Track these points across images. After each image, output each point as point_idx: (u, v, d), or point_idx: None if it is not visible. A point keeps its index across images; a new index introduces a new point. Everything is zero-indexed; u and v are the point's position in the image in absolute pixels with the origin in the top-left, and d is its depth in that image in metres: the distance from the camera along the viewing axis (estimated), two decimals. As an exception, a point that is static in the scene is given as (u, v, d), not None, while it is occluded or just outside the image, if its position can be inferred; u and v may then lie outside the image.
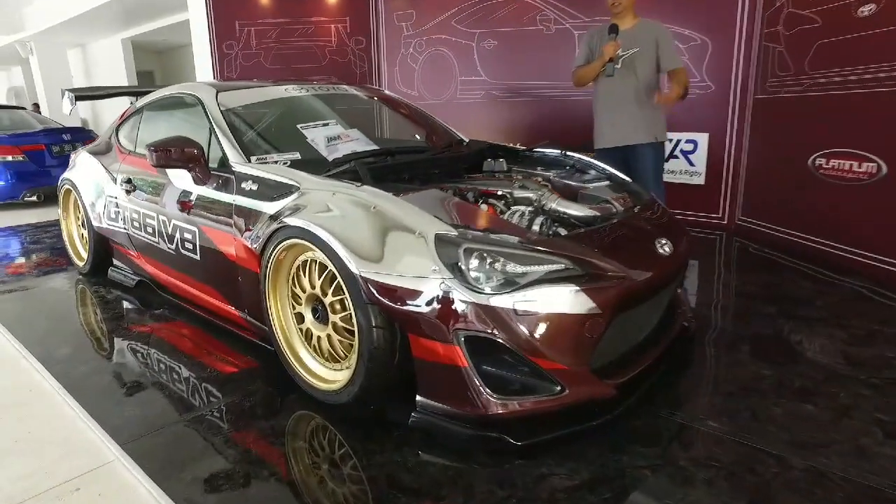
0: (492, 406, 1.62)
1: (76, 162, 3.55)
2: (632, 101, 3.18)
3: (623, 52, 3.12)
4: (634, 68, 3.14)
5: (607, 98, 3.26)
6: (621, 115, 3.21)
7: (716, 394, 1.93)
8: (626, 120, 3.21)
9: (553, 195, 2.22)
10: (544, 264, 1.65)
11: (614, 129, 3.25)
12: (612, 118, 3.25)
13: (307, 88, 2.88)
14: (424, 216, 1.71)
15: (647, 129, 3.19)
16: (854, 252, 3.26)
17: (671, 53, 3.13)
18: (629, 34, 3.13)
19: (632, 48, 3.12)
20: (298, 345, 2.01)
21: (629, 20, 3.17)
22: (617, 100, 3.21)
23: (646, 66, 3.14)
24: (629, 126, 3.21)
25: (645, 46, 3.12)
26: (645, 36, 3.12)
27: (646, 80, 3.16)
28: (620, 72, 3.13)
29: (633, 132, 3.20)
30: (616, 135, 3.24)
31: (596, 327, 1.67)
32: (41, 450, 1.76)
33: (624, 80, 3.16)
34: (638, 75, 3.15)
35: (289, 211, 1.90)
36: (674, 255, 1.97)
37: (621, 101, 3.19)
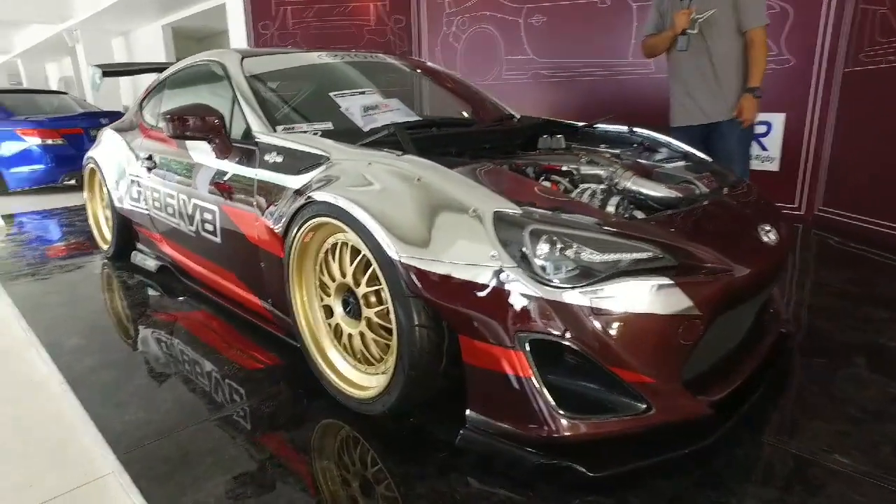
0: (560, 426, 1.29)
1: (101, 139, 3.37)
2: (709, 73, 2.75)
3: (698, 16, 2.69)
4: (711, 34, 2.71)
5: (681, 70, 2.85)
6: (697, 89, 2.79)
7: (837, 419, 1.55)
8: (704, 94, 2.78)
9: (627, 172, 1.87)
10: (629, 252, 1.32)
11: (690, 106, 2.84)
12: (687, 92, 2.84)
13: (341, 56, 2.60)
14: (480, 190, 1.39)
15: (728, 105, 2.74)
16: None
17: (747, 8, 2.63)
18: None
19: (707, 10, 2.68)
20: (327, 343, 1.72)
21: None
22: (692, 72, 2.79)
23: (725, 29, 2.69)
24: (706, 101, 2.78)
25: (722, 7, 2.67)
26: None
27: (726, 47, 2.71)
28: (697, 39, 2.71)
29: (711, 108, 2.78)
30: (691, 112, 2.84)
31: (692, 331, 1.33)
32: (30, 457, 1.52)
33: (700, 49, 2.74)
34: (716, 41, 2.71)
35: (317, 184, 1.61)
36: (779, 245, 1.61)
37: (697, 73, 2.78)
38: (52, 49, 14.07)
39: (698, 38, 2.71)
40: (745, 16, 2.64)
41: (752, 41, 2.64)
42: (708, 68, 2.74)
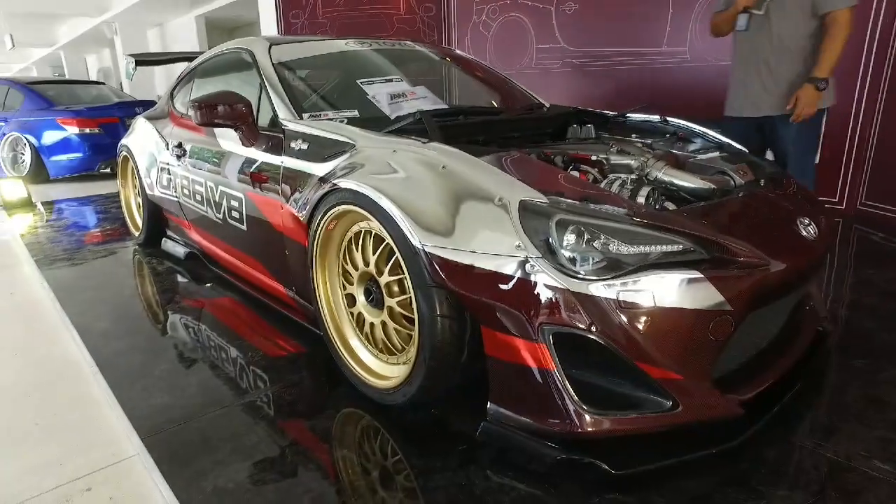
0: (584, 422, 1.26)
1: (134, 127, 3.44)
2: (766, 59, 2.47)
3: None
4: (783, 15, 2.40)
5: (740, 53, 2.59)
6: (750, 76, 2.53)
7: (878, 423, 1.47)
8: (755, 83, 2.52)
9: (658, 162, 1.81)
10: (659, 244, 1.27)
11: (745, 95, 2.58)
12: (741, 79, 2.59)
13: (369, 43, 2.58)
14: (506, 178, 1.36)
15: (780, 98, 2.46)
16: None
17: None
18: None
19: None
20: (349, 331, 1.72)
21: None
22: (749, 56, 2.53)
23: (796, 10, 2.37)
24: (757, 92, 2.52)
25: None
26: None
27: (792, 30, 2.40)
28: (764, 21, 2.43)
29: (767, 100, 2.50)
30: (746, 102, 2.58)
31: (723, 328, 1.28)
32: (60, 437, 1.56)
33: (768, 32, 2.45)
34: (781, 24, 2.40)
35: (341, 172, 1.59)
36: (820, 239, 1.53)
37: (753, 59, 2.51)
38: (93, 41, 14.45)
39: (763, 18, 2.43)
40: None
41: (833, 23, 2.29)
42: (766, 54, 2.47)
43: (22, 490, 1.34)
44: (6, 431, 1.61)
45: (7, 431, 1.61)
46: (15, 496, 1.31)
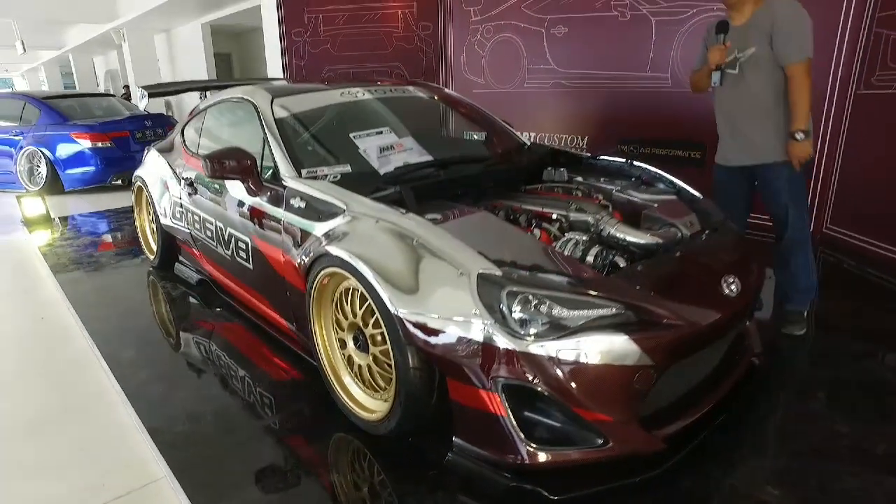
0: (529, 456, 1.54)
1: (146, 160, 3.71)
2: (753, 112, 2.51)
3: (739, 55, 2.45)
4: (755, 72, 2.45)
5: (722, 108, 2.63)
6: (741, 128, 2.55)
7: (781, 453, 1.75)
8: (747, 135, 2.54)
9: (612, 219, 2.08)
10: (594, 308, 1.54)
11: (734, 146, 2.61)
12: (731, 131, 2.60)
13: (366, 91, 2.82)
14: (468, 252, 1.63)
15: (776, 146, 2.46)
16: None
17: (784, 43, 2.33)
18: (744, 30, 2.44)
19: (748, 48, 2.42)
20: (342, 370, 2.01)
21: (748, 10, 2.44)
22: (734, 110, 2.56)
23: (764, 65, 2.42)
24: (749, 143, 2.53)
25: (761, 43, 2.39)
26: (761, 27, 2.38)
27: (762, 84, 2.45)
28: (740, 79, 2.48)
29: (756, 150, 2.52)
30: (736, 153, 2.60)
31: (646, 379, 1.55)
32: (99, 460, 1.86)
33: (740, 86, 2.50)
34: (761, 80, 2.44)
35: (333, 237, 1.87)
36: (741, 296, 1.80)
37: (740, 112, 2.54)
38: (100, 44, 14.70)
39: (740, 77, 2.49)
40: (783, 49, 2.35)
41: (794, 76, 2.34)
42: (749, 108, 2.52)
43: (71, 507, 1.64)
44: (52, 455, 1.91)
45: (52, 455, 1.91)
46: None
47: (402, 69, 6.48)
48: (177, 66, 12.55)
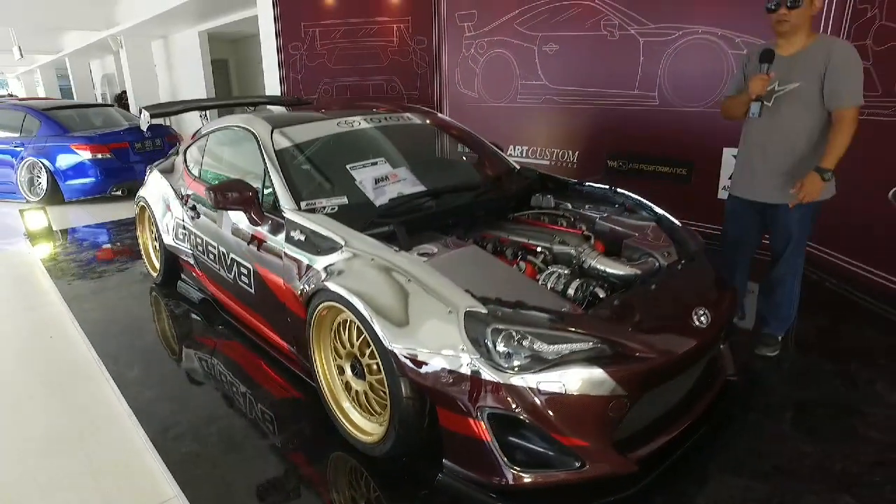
0: (512, 478, 1.69)
1: (148, 181, 3.83)
2: (778, 153, 2.45)
3: (779, 88, 2.39)
4: (792, 109, 2.39)
5: (750, 139, 2.57)
6: (764, 165, 2.49)
7: (748, 473, 1.89)
8: (769, 173, 2.48)
9: (593, 252, 2.23)
10: (572, 343, 1.68)
11: (752, 181, 2.56)
12: (752, 166, 2.55)
13: (362, 120, 2.94)
14: (456, 291, 1.76)
15: (787, 189, 2.40)
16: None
17: (838, 85, 2.26)
18: (792, 62, 2.36)
19: (790, 82, 2.36)
20: (340, 393, 2.14)
21: (799, 41, 2.37)
22: (761, 145, 2.50)
23: (808, 104, 2.35)
24: (770, 181, 2.49)
25: (809, 79, 2.32)
26: (812, 63, 2.31)
27: (804, 124, 2.38)
28: (771, 112, 2.42)
29: (773, 190, 2.49)
30: (753, 188, 2.56)
31: (620, 408, 1.69)
32: (114, 478, 2.00)
33: (772, 124, 2.44)
34: (795, 119, 2.39)
35: (331, 272, 2.01)
36: (710, 327, 1.94)
37: (767, 149, 2.48)
38: (97, 48, 14.80)
39: (774, 108, 2.42)
40: (837, 92, 2.27)
41: (841, 120, 2.27)
42: (777, 146, 2.45)
43: (89, 527, 1.77)
44: (66, 475, 2.04)
45: (66, 474, 2.04)
46: (85, 532, 1.74)
47: (398, 83, 6.62)
48: (174, 72, 12.66)
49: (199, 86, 11.50)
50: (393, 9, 6.40)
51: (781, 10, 2.30)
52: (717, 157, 4.51)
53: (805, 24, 2.34)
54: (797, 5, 2.26)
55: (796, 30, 2.34)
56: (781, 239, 2.55)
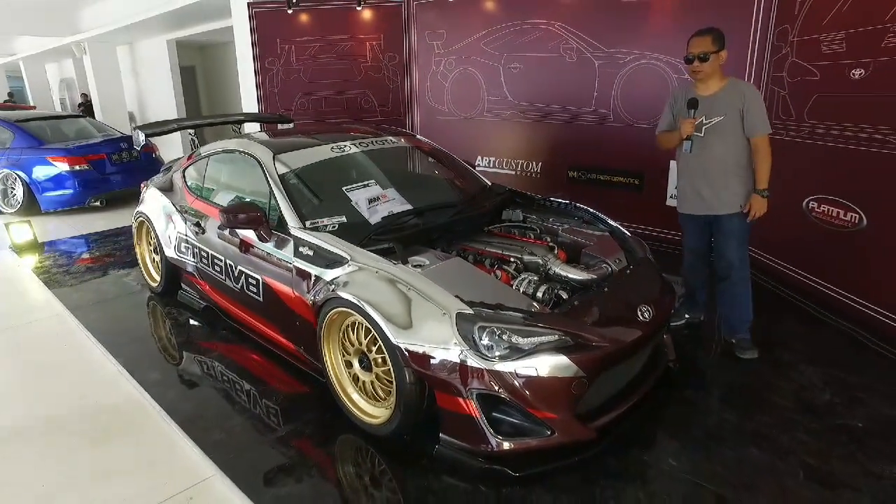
0: (496, 445, 2.11)
1: (146, 198, 4.10)
2: (716, 172, 2.95)
3: (706, 121, 2.92)
4: (719, 137, 2.90)
5: (688, 167, 3.06)
6: (705, 186, 2.99)
7: (682, 435, 2.37)
8: (711, 192, 2.99)
9: (557, 260, 2.67)
10: (541, 336, 2.11)
11: (697, 200, 3.06)
12: (695, 188, 3.04)
13: (354, 145, 3.31)
14: (449, 297, 2.17)
15: (733, 200, 2.95)
16: (839, 293, 3.62)
17: (754, 120, 2.83)
18: (714, 100, 2.90)
19: (715, 116, 2.90)
20: (348, 385, 2.52)
21: (714, 84, 2.92)
22: (700, 170, 2.99)
23: (730, 134, 2.89)
24: (713, 198, 2.99)
25: (730, 113, 2.86)
26: (730, 101, 2.86)
27: (734, 148, 2.91)
28: (704, 141, 2.93)
29: (717, 203, 2.99)
30: (700, 205, 3.05)
31: (580, 387, 2.13)
32: (155, 464, 2.33)
33: (707, 150, 2.94)
34: (723, 144, 2.91)
35: (340, 283, 2.39)
36: (653, 320, 2.40)
37: (705, 172, 2.98)
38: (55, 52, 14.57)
39: (706, 138, 2.92)
40: (751, 124, 2.83)
41: (757, 148, 2.84)
42: (712, 168, 2.94)
43: (147, 500, 2.10)
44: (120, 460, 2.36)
45: (114, 464, 2.35)
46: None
47: (371, 97, 6.99)
48: (141, 76, 12.63)
49: (168, 94, 11.55)
50: (366, 26, 6.76)
51: (695, 63, 2.87)
52: (665, 169, 5.06)
53: (716, 72, 2.90)
54: (706, 59, 2.84)
55: (709, 76, 2.90)
56: (727, 245, 3.03)
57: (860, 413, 2.50)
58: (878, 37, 3.21)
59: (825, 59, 3.64)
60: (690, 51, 2.89)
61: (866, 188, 3.39)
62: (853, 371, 2.85)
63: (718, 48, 2.85)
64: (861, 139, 3.38)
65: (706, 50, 2.84)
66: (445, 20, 6.38)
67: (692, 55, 2.88)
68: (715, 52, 2.84)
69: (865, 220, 3.40)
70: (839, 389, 2.69)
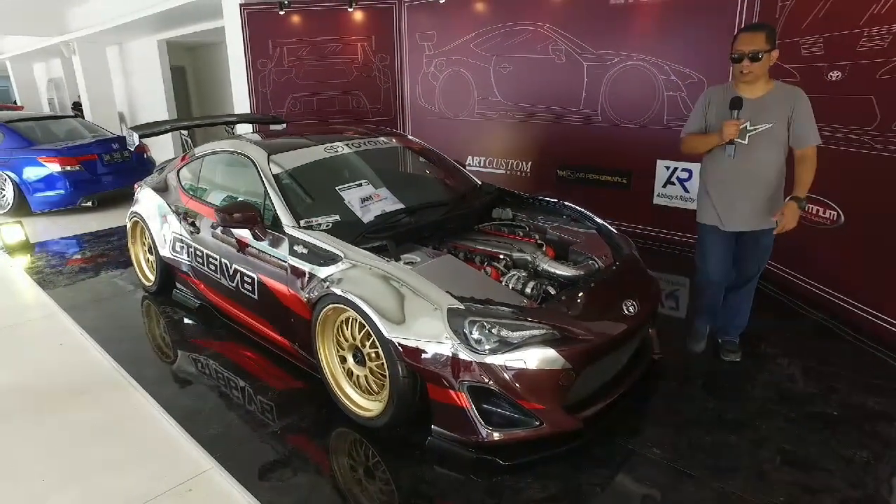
0: (487, 436, 2.18)
1: (140, 198, 4.14)
2: (755, 185, 2.67)
3: (752, 128, 2.61)
4: (765, 146, 2.62)
5: (723, 175, 2.75)
6: (742, 198, 2.70)
7: (665, 424, 2.46)
8: (746, 205, 2.70)
9: (545, 256, 2.75)
10: (530, 329, 2.19)
11: (733, 214, 2.75)
12: (730, 200, 2.73)
13: (346, 145, 3.37)
14: (440, 293, 2.25)
15: (767, 215, 2.68)
16: (819, 287, 3.73)
17: (805, 130, 2.56)
18: (759, 105, 2.60)
19: (761, 124, 2.60)
20: (343, 380, 2.59)
21: (761, 87, 2.62)
22: (738, 181, 2.69)
23: (777, 143, 2.62)
24: (748, 212, 2.71)
25: (779, 120, 2.59)
26: (780, 107, 2.58)
27: (775, 159, 2.64)
28: (746, 149, 2.63)
29: (752, 219, 2.72)
30: (735, 219, 2.75)
31: (567, 379, 2.21)
32: (156, 458, 2.38)
33: (748, 160, 2.64)
34: (769, 154, 2.63)
35: (335, 280, 2.46)
36: (637, 315, 2.49)
37: (745, 184, 2.68)
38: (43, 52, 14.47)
39: (750, 147, 2.63)
40: (802, 134, 2.57)
41: (806, 157, 2.58)
42: (754, 179, 2.67)
43: (147, 492, 2.16)
44: (119, 455, 2.41)
45: (115, 457, 2.40)
46: (144, 495, 2.14)
47: (362, 97, 7.05)
48: (130, 77, 12.58)
49: (159, 94, 11.52)
50: (357, 28, 6.82)
51: (745, 62, 2.53)
52: (652, 168, 5.16)
53: (765, 74, 2.59)
54: (758, 59, 2.51)
55: (758, 78, 2.58)
56: (758, 259, 2.82)
57: (834, 401, 2.61)
58: (853, 40, 3.32)
59: (804, 62, 3.75)
60: (739, 48, 2.55)
61: (844, 186, 3.50)
62: (829, 361, 2.96)
63: (771, 47, 2.53)
64: (839, 139, 3.49)
65: (758, 48, 2.50)
66: (436, 22, 6.46)
67: (741, 53, 2.54)
68: (767, 52, 2.52)
69: (843, 217, 3.51)
70: (815, 379, 2.80)
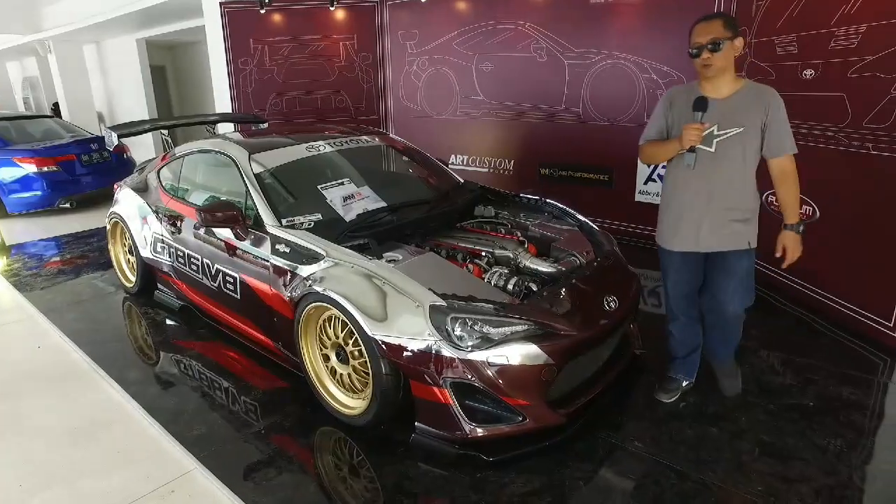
0: (470, 432, 2.20)
1: (120, 198, 4.09)
2: (723, 199, 2.28)
3: (720, 132, 2.24)
4: (734, 155, 2.24)
5: (683, 189, 2.36)
6: (709, 212, 2.31)
7: (647, 418, 2.50)
8: (716, 220, 2.31)
9: (527, 253, 2.77)
10: (512, 326, 2.21)
11: (697, 233, 2.35)
12: (693, 216, 2.34)
13: (328, 144, 3.37)
14: (422, 290, 2.26)
15: (739, 235, 2.32)
16: (795, 282, 3.80)
17: (781, 134, 2.21)
18: (727, 107, 2.24)
19: (732, 128, 2.22)
20: (326, 378, 2.59)
21: (727, 85, 2.26)
22: (703, 195, 2.31)
23: (750, 150, 2.24)
24: (718, 229, 2.32)
25: (751, 125, 2.22)
26: (751, 108, 2.22)
27: (749, 169, 2.27)
28: (712, 157, 2.25)
29: (719, 239, 2.33)
30: (699, 239, 2.36)
31: (549, 374, 2.24)
32: (138, 460, 2.36)
33: (716, 170, 2.26)
34: (738, 164, 2.25)
35: (317, 278, 2.45)
36: (618, 310, 2.52)
37: (711, 195, 2.29)
38: (16, 51, 14.20)
39: (713, 155, 2.25)
40: (777, 141, 2.21)
41: (784, 171, 2.22)
42: (721, 193, 2.28)
43: (129, 494, 2.14)
44: (100, 457, 2.38)
45: (100, 458, 2.37)
46: (127, 497, 2.12)
47: (345, 96, 7.02)
48: (109, 76, 12.39)
49: (138, 93, 11.36)
50: (339, 26, 6.79)
51: (704, 53, 2.20)
52: (633, 166, 5.21)
53: (730, 66, 2.24)
54: (718, 49, 2.18)
55: (722, 72, 2.23)
56: (728, 283, 2.39)
57: (811, 393, 2.67)
58: (825, 39, 3.39)
59: (780, 60, 3.82)
60: (696, 41, 2.22)
61: (819, 183, 3.57)
62: (806, 354, 3.03)
63: (733, 34, 2.19)
64: (816, 136, 3.56)
65: (717, 36, 2.17)
66: (418, 20, 6.45)
67: (699, 45, 2.21)
68: (729, 39, 2.18)
69: (818, 212, 3.58)
70: (793, 372, 2.86)
